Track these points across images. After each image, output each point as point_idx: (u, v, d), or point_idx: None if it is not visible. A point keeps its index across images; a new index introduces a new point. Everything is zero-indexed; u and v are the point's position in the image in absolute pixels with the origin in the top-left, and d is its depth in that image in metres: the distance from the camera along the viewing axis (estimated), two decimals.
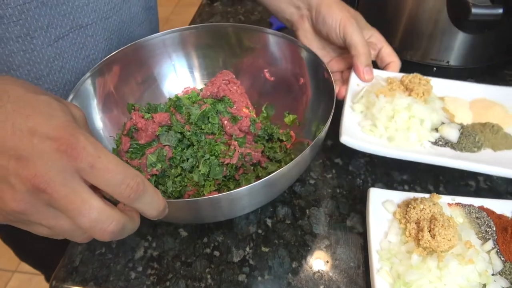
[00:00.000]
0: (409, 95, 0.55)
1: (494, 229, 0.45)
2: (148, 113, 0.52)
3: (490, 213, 0.47)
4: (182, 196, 0.47)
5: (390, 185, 0.55)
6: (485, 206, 0.48)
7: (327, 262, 0.47)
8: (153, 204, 0.32)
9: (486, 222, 0.46)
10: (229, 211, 0.44)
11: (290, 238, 0.50)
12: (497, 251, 0.43)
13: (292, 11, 0.65)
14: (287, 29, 0.88)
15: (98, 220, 0.29)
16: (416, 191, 0.54)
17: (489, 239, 0.44)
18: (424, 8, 0.61)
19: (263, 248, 0.49)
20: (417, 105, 0.52)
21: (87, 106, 0.51)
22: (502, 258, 0.43)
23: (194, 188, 0.47)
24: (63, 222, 0.30)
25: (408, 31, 0.65)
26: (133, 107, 0.55)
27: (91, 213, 0.29)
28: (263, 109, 0.59)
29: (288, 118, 0.56)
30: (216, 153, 0.48)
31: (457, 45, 0.63)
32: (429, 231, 0.42)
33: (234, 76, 0.57)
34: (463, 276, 0.40)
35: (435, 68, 0.66)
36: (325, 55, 0.63)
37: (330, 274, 0.46)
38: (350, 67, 0.60)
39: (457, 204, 0.48)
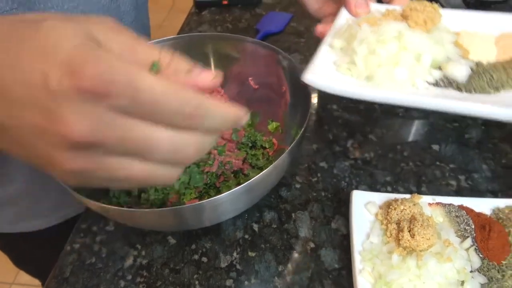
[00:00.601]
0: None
1: (473, 227, 0.46)
2: None
3: (469, 211, 0.48)
4: (164, 204, 0.48)
5: (374, 186, 0.56)
6: (464, 205, 0.49)
7: (312, 264, 0.48)
8: (221, 120, 0.26)
9: (465, 220, 0.47)
10: (212, 217, 0.45)
11: (276, 242, 0.51)
12: (475, 248, 0.44)
13: None
14: (275, 35, 0.90)
15: (175, 149, 0.25)
16: (399, 191, 0.55)
17: (467, 237, 0.45)
18: None
19: (249, 253, 0.50)
20: (412, 33, 0.42)
21: None
22: (481, 255, 0.44)
23: (176, 196, 0.48)
24: (137, 166, 0.25)
25: None
26: None
27: (162, 145, 0.24)
28: None
29: (272, 126, 0.58)
30: (197, 161, 0.49)
31: None
32: (409, 231, 0.44)
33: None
34: (441, 274, 0.41)
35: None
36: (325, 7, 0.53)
37: (315, 276, 0.47)
38: None
39: (438, 203, 0.49)
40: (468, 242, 0.45)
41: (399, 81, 0.40)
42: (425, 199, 0.49)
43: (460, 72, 0.41)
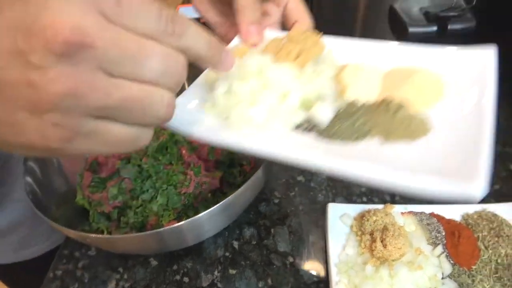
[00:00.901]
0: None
1: (444, 234, 0.48)
2: None
3: (440, 218, 0.50)
4: (144, 226, 0.49)
5: (349, 198, 0.57)
6: (435, 212, 0.51)
7: (292, 278, 0.49)
8: (199, 34, 0.26)
9: (436, 227, 0.49)
10: (192, 237, 0.46)
11: (256, 258, 0.52)
12: (446, 255, 0.46)
13: None
14: None
15: (168, 56, 0.24)
16: (374, 202, 0.57)
17: (438, 244, 0.47)
18: (371, 28, 0.64)
19: (230, 271, 0.51)
20: (276, 68, 0.36)
21: None
22: (451, 262, 0.45)
23: (155, 218, 0.49)
24: (130, 89, 0.23)
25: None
26: None
27: (155, 51, 0.23)
28: None
29: None
30: (174, 183, 0.50)
31: None
32: (382, 241, 0.45)
33: None
34: (413, 282, 0.42)
35: None
36: (224, 23, 0.48)
37: None
38: None
39: (410, 212, 0.51)
40: (439, 249, 0.46)
41: (256, 124, 0.35)
42: (398, 209, 0.51)
43: (323, 114, 0.35)
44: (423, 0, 0.58)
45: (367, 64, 0.38)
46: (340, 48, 0.40)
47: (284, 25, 0.47)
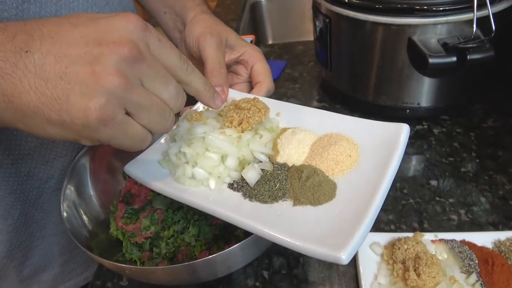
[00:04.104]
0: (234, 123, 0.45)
1: (477, 261, 0.48)
2: None
3: (471, 246, 0.50)
4: (176, 257, 0.50)
5: (377, 226, 0.58)
6: (466, 240, 0.50)
7: None
8: (201, 77, 0.36)
9: (469, 255, 0.48)
10: (224, 268, 0.46)
11: None
12: (481, 283, 0.45)
13: (176, 36, 0.63)
14: None
15: (179, 88, 0.33)
16: (402, 230, 0.57)
17: (472, 272, 0.47)
18: (390, 60, 0.67)
19: None
20: (214, 135, 0.43)
21: (83, 177, 0.55)
22: None
23: (186, 248, 0.50)
24: (155, 98, 0.32)
25: (379, 81, 0.70)
26: (127, 174, 0.59)
27: (174, 82, 0.33)
28: None
29: None
30: (205, 213, 0.51)
31: (424, 88, 0.68)
32: (415, 270, 0.45)
33: None
34: None
35: (408, 110, 0.71)
36: None
37: None
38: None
39: (440, 240, 0.51)
40: (473, 277, 0.46)
41: (197, 181, 0.42)
42: (428, 237, 0.51)
43: (251, 176, 0.41)
44: (440, 32, 0.60)
45: (303, 129, 0.46)
46: (286, 111, 0.48)
47: (251, 84, 0.56)
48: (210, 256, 0.41)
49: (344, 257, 0.30)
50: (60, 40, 0.29)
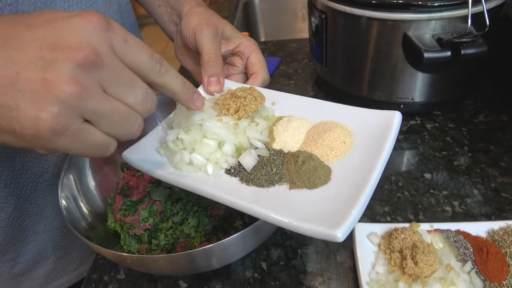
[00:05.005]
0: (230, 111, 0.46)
1: (472, 250, 0.49)
2: (139, 171, 0.56)
3: (466, 235, 0.51)
4: (174, 248, 0.50)
5: (373, 218, 0.58)
6: (461, 230, 0.52)
7: None
8: (178, 77, 0.34)
9: (464, 244, 0.49)
10: (223, 258, 0.46)
11: (285, 279, 0.52)
12: (476, 271, 0.46)
13: (172, 29, 0.64)
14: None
15: (148, 91, 0.31)
16: (398, 221, 0.58)
17: (467, 260, 0.48)
18: (385, 55, 0.68)
19: None
20: (212, 122, 0.44)
21: (82, 168, 0.54)
22: (482, 277, 0.46)
23: (185, 240, 0.50)
24: (117, 105, 0.29)
25: (374, 76, 0.71)
26: (125, 166, 0.59)
27: (141, 84, 0.30)
28: None
29: None
30: (204, 205, 0.51)
31: (418, 84, 0.69)
32: (412, 259, 0.46)
33: None
34: None
35: (402, 105, 0.72)
36: (199, 71, 0.53)
37: None
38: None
39: (436, 230, 0.52)
40: (469, 265, 0.47)
41: (195, 167, 0.43)
42: (424, 227, 0.52)
43: (247, 161, 0.42)
44: (435, 27, 0.62)
45: (299, 117, 0.47)
46: (281, 101, 0.49)
47: (246, 75, 0.56)
48: (211, 245, 0.41)
49: (339, 235, 0.31)
50: (12, 44, 0.27)
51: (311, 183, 0.39)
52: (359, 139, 0.42)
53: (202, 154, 0.43)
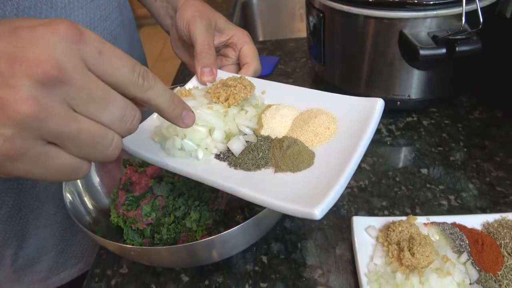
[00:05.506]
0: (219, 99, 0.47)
1: (467, 242, 0.50)
2: (141, 167, 0.57)
3: (462, 228, 0.52)
4: (176, 242, 0.51)
5: (371, 212, 0.60)
6: (457, 222, 0.53)
7: None
8: (164, 91, 0.30)
9: (459, 236, 0.51)
10: (224, 251, 0.47)
11: (285, 272, 0.53)
12: (471, 262, 0.48)
13: (167, 23, 0.66)
14: (265, 77, 0.96)
15: (127, 108, 0.27)
16: (395, 215, 0.59)
17: (463, 251, 0.49)
18: (381, 53, 0.69)
19: (261, 284, 0.52)
20: (202, 110, 0.45)
21: None
22: (477, 268, 0.47)
23: (187, 234, 0.51)
24: (87, 124, 0.26)
25: (371, 73, 0.72)
26: (127, 162, 0.59)
27: (119, 101, 0.26)
28: None
29: None
30: (206, 200, 0.52)
31: (414, 81, 0.70)
32: (409, 250, 0.47)
33: None
34: None
35: (398, 102, 0.74)
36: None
37: None
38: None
39: (432, 223, 0.53)
40: (464, 256, 0.48)
41: (186, 152, 0.44)
42: (420, 220, 0.53)
43: (236, 147, 0.44)
44: (430, 25, 0.63)
45: (287, 105, 0.49)
46: (270, 89, 0.51)
47: (239, 65, 0.58)
48: (213, 237, 0.42)
49: (317, 213, 0.33)
50: None
51: (295, 166, 0.41)
52: (343, 125, 0.44)
53: (193, 140, 0.45)
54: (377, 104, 0.43)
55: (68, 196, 0.49)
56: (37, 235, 0.64)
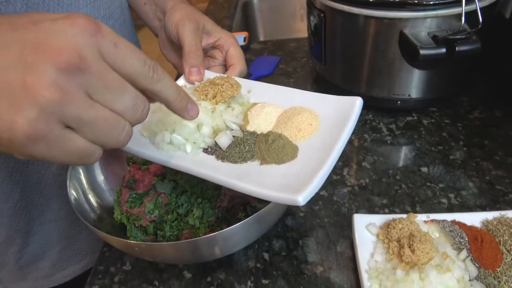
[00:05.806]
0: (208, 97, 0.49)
1: (467, 239, 0.50)
2: (145, 165, 0.58)
3: (461, 225, 0.52)
4: (179, 240, 0.51)
5: (372, 209, 0.60)
6: (456, 220, 0.53)
7: (323, 286, 0.51)
8: (172, 84, 0.32)
9: (459, 234, 0.51)
10: (226, 247, 0.48)
11: (287, 269, 0.54)
12: (471, 259, 0.48)
13: (156, 25, 0.68)
14: (266, 77, 0.97)
15: (138, 98, 0.29)
16: (395, 212, 0.59)
17: (463, 248, 0.49)
18: (382, 53, 0.69)
19: (263, 281, 0.53)
20: None
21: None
22: (476, 265, 0.48)
23: (189, 231, 0.52)
24: (103, 112, 0.28)
25: (371, 73, 0.73)
26: (131, 160, 0.60)
27: (131, 91, 0.29)
28: None
29: None
30: (208, 197, 0.53)
31: (414, 80, 0.71)
32: (409, 247, 0.47)
33: None
34: (443, 284, 0.44)
35: (399, 102, 0.74)
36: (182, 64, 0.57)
37: None
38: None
39: (432, 220, 0.54)
40: (464, 253, 0.49)
41: (175, 146, 0.46)
42: (421, 217, 0.54)
43: (223, 141, 0.46)
44: (430, 25, 0.63)
45: (272, 103, 0.51)
46: (256, 89, 0.53)
47: (226, 66, 0.60)
48: (216, 233, 0.43)
49: (300, 199, 0.36)
50: None
51: (280, 159, 0.44)
52: (325, 121, 0.47)
53: (181, 135, 0.46)
54: (356, 102, 0.46)
55: (72, 193, 0.50)
56: (41, 231, 0.65)
